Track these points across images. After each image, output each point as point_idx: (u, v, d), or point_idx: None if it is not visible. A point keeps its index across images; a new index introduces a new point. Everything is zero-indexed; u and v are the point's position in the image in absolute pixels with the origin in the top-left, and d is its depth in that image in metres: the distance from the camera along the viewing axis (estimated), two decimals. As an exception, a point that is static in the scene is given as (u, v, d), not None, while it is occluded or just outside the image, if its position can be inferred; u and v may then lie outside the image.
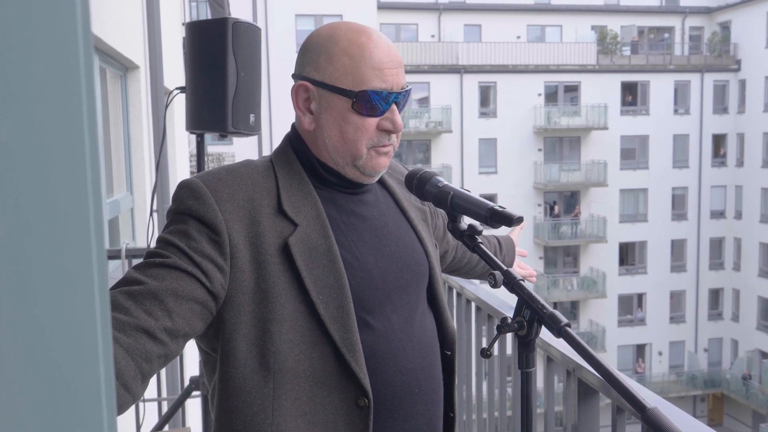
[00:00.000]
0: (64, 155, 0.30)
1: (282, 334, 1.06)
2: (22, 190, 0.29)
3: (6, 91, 0.28)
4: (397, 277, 1.18)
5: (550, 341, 1.62)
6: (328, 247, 1.11)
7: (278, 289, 1.07)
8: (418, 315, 1.20)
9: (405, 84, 1.15)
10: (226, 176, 1.10)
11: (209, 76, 2.33)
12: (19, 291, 0.29)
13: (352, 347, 1.08)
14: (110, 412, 0.32)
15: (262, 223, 1.08)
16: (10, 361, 0.29)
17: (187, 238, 1.04)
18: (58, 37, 0.29)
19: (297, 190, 1.14)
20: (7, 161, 0.29)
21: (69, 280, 0.30)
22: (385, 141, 1.14)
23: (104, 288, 0.32)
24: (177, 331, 0.99)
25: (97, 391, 0.31)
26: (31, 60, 0.29)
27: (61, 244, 0.30)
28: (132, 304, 0.96)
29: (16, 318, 0.29)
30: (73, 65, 0.29)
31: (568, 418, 1.53)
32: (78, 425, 0.31)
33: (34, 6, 0.28)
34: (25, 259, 0.29)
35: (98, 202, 0.31)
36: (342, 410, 1.10)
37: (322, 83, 1.12)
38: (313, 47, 1.14)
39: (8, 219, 0.29)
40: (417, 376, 1.16)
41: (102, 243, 0.31)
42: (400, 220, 1.24)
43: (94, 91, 0.31)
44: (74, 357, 0.31)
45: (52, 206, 0.30)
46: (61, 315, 0.30)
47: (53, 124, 0.29)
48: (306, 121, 1.15)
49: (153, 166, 4.51)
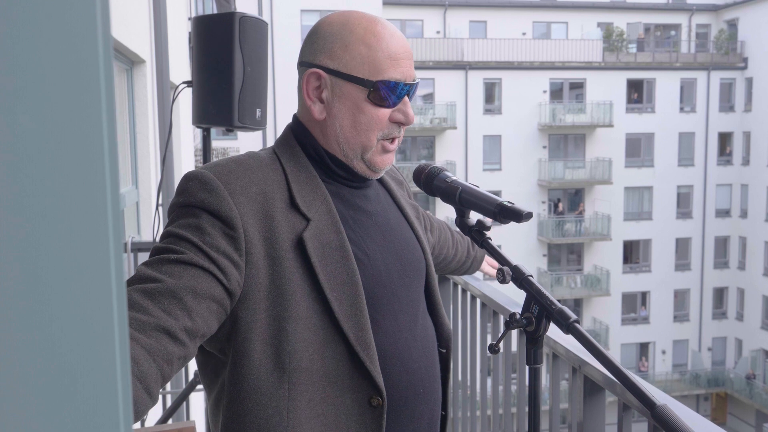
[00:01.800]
0: (84, 150, 0.30)
1: (298, 332, 1.03)
2: (41, 182, 0.29)
3: (28, 88, 0.29)
4: (401, 275, 1.16)
5: (556, 338, 1.62)
6: (340, 243, 1.08)
7: (293, 286, 1.03)
8: (420, 313, 1.19)
9: (415, 76, 1.14)
10: (236, 168, 1.06)
11: (216, 70, 2.32)
12: (35, 281, 0.29)
13: (366, 345, 1.06)
14: (126, 412, 0.32)
15: (276, 218, 1.05)
16: (25, 356, 0.29)
17: (201, 233, 0.99)
18: (79, 39, 0.30)
19: (306, 184, 1.10)
20: (28, 155, 0.29)
21: (86, 273, 0.30)
22: (395, 133, 1.13)
23: (121, 280, 0.32)
24: (197, 330, 0.95)
25: (113, 385, 0.31)
26: (53, 59, 0.29)
27: (79, 236, 0.30)
28: (150, 302, 0.92)
29: (35, 311, 0.29)
30: (93, 64, 0.30)
31: (573, 415, 1.53)
32: (93, 424, 0.30)
33: (55, 8, 0.29)
34: (44, 248, 0.30)
35: (115, 195, 0.31)
36: (354, 410, 1.07)
37: (337, 71, 1.09)
38: (326, 34, 1.11)
39: (28, 211, 0.29)
40: (421, 376, 1.15)
41: (119, 236, 0.31)
42: (399, 217, 1.23)
43: (113, 87, 0.31)
44: (90, 350, 0.30)
45: (71, 199, 0.30)
46: (78, 308, 0.30)
47: (73, 121, 0.30)
48: (316, 110, 1.12)
49: (159, 160, 4.52)
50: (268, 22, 2.51)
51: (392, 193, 1.26)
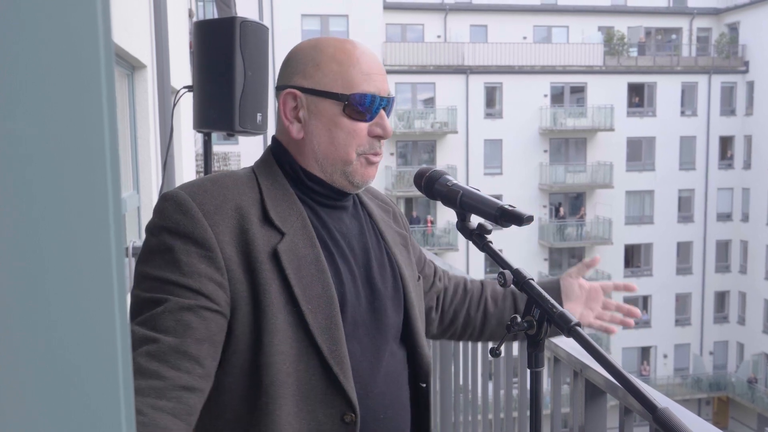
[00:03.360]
0: (86, 155, 0.30)
1: (273, 345, 1.03)
2: (44, 187, 0.29)
3: (30, 93, 0.29)
4: (370, 300, 1.15)
5: (557, 341, 1.61)
6: (315, 257, 1.09)
7: (270, 298, 1.03)
8: (390, 339, 1.18)
9: (390, 91, 1.15)
10: (211, 187, 1.07)
11: (217, 75, 2.33)
12: (37, 286, 0.29)
13: (341, 359, 1.06)
14: (128, 416, 0.32)
15: (251, 231, 1.05)
16: (28, 360, 0.29)
17: (178, 268, 0.99)
18: (81, 44, 0.30)
19: (281, 200, 1.11)
20: (30, 160, 0.29)
21: (89, 277, 0.30)
22: (376, 148, 1.14)
23: (123, 285, 0.32)
24: (209, 371, 0.99)
25: (115, 388, 0.31)
26: (55, 65, 0.29)
27: (81, 241, 0.30)
28: (158, 365, 0.93)
29: (37, 315, 0.29)
30: (95, 69, 0.30)
31: (575, 419, 1.52)
32: (95, 428, 0.30)
33: (57, 13, 0.29)
34: (47, 253, 0.30)
35: (117, 200, 0.31)
36: (326, 426, 1.06)
37: (311, 89, 1.12)
38: (299, 57, 1.15)
39: (31, 216, 0.29)
40: (384, 402, 1.14)
41: (121, 240, 0.31)
42: (376, 243, 1.22)
43: (114, 93, 0.31)
44: (93, 354, 0.30)
45: (73, 203, 0.30)
46: (80, 312, 0.30)
47: (75, 125, 0.30)
48: (294, 130, 1.13)
49: (160, 165, 4.52)
50: (268, 26, 2.51)
51: (374, 218, 1.25)
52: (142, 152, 4.39)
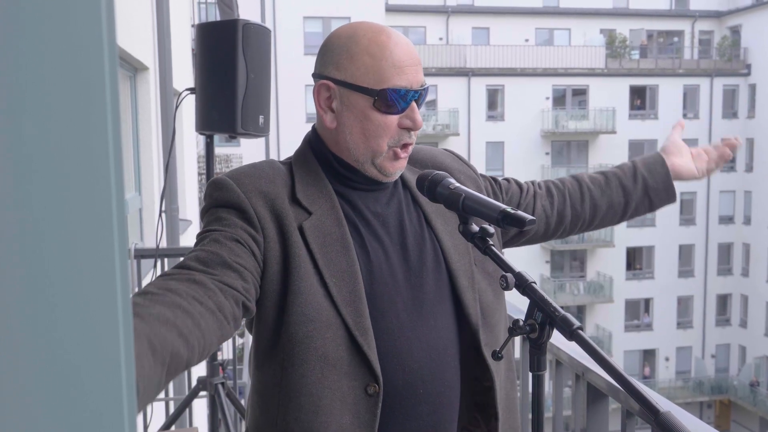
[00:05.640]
0: (89, 157, 0.30)
1: (296, 305, 1.09)
2: (47, 189, 0.30)
3: (34, 96, 0.29)
4: (407, 276, 1.17)
5: (559, 345, 1.61)
6: (341, 235, 1.14)
7: (297, 262, 1.10)
8: (432, 315, 1.18)
9: (423, 81, 1.18)
10: (248, 170, 1.18)
11: (219, 77, 2.33)
12: (41, 287, 0.30)
13: (365, 331, 1.10)
14: (131, 417, 0.32)
15: (283, 208, 1.14)
16: (31, 361, 0.29)
17: (220, 222, 1.10)
18: (85, 47, 0.30)
19: (311, 185, 1.18)
20: (34, 162, 0.29)
21: (92, 278, 0.31)
22: (405, 139, 1.17)
23: (126, 286, 0.32)
24: (249, 287, 1.06)
25: (118, 390, 0.31)
26: (59, 68, 0.30)
27: (85, 243, 0.31)
28: (200, 264, 1.03)
29: (40, 316, 0.30)
30: (98, 72, 0.30)
31: (576, 422, 1.52)
32: (97, 428, 0.31)
33: (61, 16, 0.29)
34: (50, 254, 0.30)
35: (120, 201, 0.32)
36: (350, 398, 1.09)
37: (344, 82, 1.14)
38: (334, 47, 1.17)
39: (35, 217, 0.29)
40: (422, 376, 1.15)
41: (124, 242, 0.32)
42: (417, 219, 1.24)
43: (117, 95, 0.32)
44: (95, 356, 0.31)
45: (77, 205, 0.30)
46: (84, 313, 0.31)
47: (79, 127, 0.30)
48: (327, 119, 1.18)
49: (162, 167, 4.53)
50: (270, 28, 2.51)
51: (413, 193, 1.26)
52: (144, 154, 4.40)
